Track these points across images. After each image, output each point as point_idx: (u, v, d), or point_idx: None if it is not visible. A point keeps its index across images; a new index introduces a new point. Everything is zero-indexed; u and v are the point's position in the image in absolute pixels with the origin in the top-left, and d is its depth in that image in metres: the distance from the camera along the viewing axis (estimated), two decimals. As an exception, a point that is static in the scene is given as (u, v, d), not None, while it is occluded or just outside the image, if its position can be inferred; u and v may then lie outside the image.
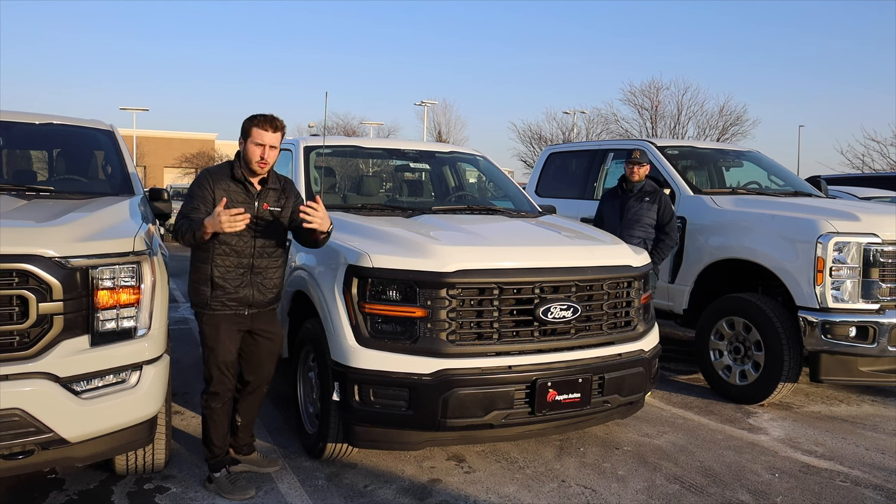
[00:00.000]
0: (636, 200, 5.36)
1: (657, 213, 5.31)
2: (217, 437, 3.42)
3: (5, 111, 4.57)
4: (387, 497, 3.42)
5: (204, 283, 3.28)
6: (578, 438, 4.27)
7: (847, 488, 3.67)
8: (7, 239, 2.65)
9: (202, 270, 3.28)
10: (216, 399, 3.37)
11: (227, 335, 3.32)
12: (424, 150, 5.89)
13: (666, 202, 5.34)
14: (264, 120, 3.27)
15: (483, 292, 3.37)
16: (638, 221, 5.28)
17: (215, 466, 3.43)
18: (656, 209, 5.30)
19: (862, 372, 4.71)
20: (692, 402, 5.16)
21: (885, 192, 8.55)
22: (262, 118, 3.28)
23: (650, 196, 5.34)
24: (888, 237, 4.68)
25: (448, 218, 4.36)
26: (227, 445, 3.51)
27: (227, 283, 3.27)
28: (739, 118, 32.22)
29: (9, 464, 2.67)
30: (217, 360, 3.33)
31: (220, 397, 3.38)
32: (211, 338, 3.32)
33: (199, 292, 3.30)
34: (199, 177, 3.36)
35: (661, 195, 5.37)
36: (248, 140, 3.28)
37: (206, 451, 3.45)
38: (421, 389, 3.24)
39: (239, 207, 3.08)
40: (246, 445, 3.66)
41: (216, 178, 3.29)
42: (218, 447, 3.43)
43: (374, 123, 44.06)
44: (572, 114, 36.68)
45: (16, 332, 2.64)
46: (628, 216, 5.33)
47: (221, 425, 3.43)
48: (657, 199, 5.33)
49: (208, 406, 3.39)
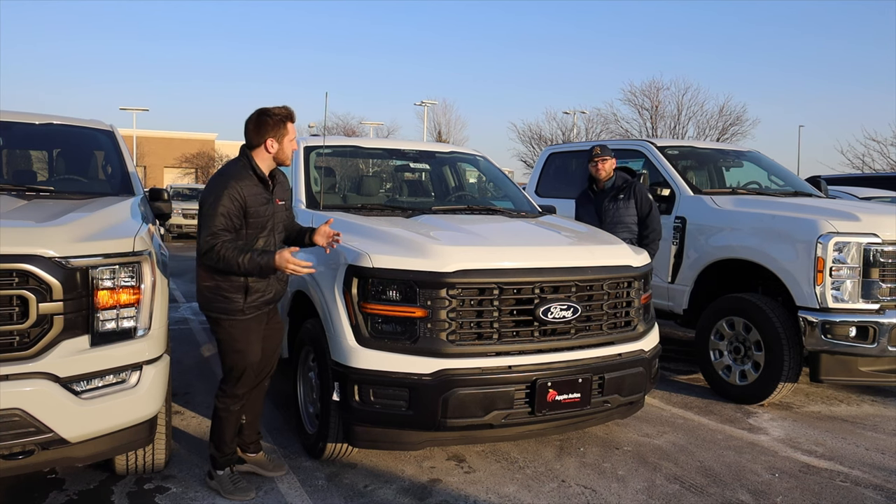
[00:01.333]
0: (611, 200, 5.09)
1: (636, 208, 5.04)
2: (230, 437, 3.39)
3: (5, 111, 4.57)
4: (387, 497, 3.42)
5: (236, 291, 3.19)
6: (578, 438, 4.27)
7: (847, 488, 3.67)
8: (7, 239, 2.65)
9: (234, 277, 3.17)
10: (237, 401, 3.35)
11: (256, 337, 3.31)
12: (424, 150, 5.89)
13: (641, 193, 5.04)
14: (292, 115, 3.25)
15: (483, 292, 3.37)
16: (619, 223, 5.01)
17: (221, 464, 3.40)
18: (633, 204, 5.02)
19: (862, 372, 4.71)
20: (692, 402, 5.16)
21: (885, 192, 8.56)
22: (291, 114, 3.25)
23: (624, 192, 5.06)
24: (888, 237, 4.68)
25: (448, 218, 4.35)
26: (235, 445, 3.50)
27: (259, 286, 3.23)
28: (739, 118, 32.31)
29: (9, 464, 2.67)
30: (248, 362, 3.28)
31: (242, 399, 3.36)
32: (241, 341, 3.25)
33: (228, 300, 3.20)
34: (224, 187, 3.10)
35: (635, 187, 5.06)
36: (286, 139, 3.23)
37: (214, 451, 3.40)
38: (421, 389, 3.24)
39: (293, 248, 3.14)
40: (253, 444, 3.63)
41: (242, 184, 3.14)
42: (229, 447, 3.41)
43: (373, 123, 44.11)
44: (572, 114, 36.72)
45: (16, 332, 2.64)
46: (607, 220, 5.08)
47: (235, 425, 3.42)
48: (631, 193, 5.04)
49: (228, 409, 3.34)
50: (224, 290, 3.20)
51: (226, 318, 3.23)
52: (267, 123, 3.20)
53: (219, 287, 3.20)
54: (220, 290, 3.20)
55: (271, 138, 3.21)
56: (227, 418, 3.36)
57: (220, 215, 3.07)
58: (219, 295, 3.21)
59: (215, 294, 3.21)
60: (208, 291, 3.23)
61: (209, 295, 3.23)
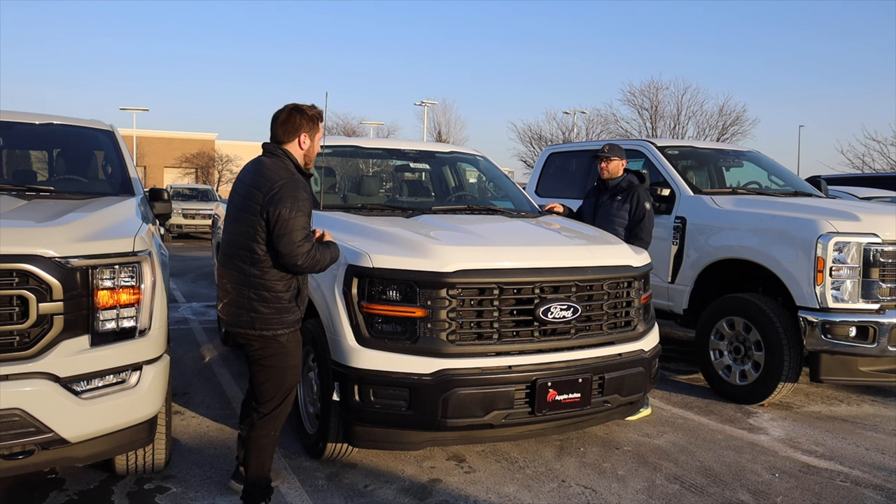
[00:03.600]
0: (608, 199, 5.01)
1: (629, 213, 4.90)
2: (269, 465, 3.19)
3: (5, 111, 4.57)
4: (387, 497, 3.42)
5: (293, 299, 3.01)
6: (578, 438, 4.27)
7: (847, 488, 3.67)
8: (7, 239, 2.65)
9: (289, 285, 2.99)
10: (279, 425, 3.17)
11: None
12: (424, 150, 5.90)
13: (638, 201, 4.89)
14: (322, 115, 3.15)
15: (483, 292, 3.37)
16: (608, 223, 4.89)
17: (259, 498, 3.16)
18: (628, 208, 4.91)
19: (862, 372, 4.71)
20: (692, 402, 5.16)
21: (885, 192, 8.55)
22: (321, 114, 3.14)
23: (623, 194, 4.95)
24: (888, 237, 4.68)
25: (448, 218, 4.36)
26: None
27: (306, 291, 3.13)
28: (739, 118, 32.32)
29: (9, 464, 2.67)
30: (298, 378, 3.17)
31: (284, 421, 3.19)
32: (295, 355, 3.09)
33: (290, 311, 3.01)
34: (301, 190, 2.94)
35: (635, 193, 4.93)
36: (317, 138, 3.15)
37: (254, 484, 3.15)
38: (421, 389, 3.24)
39: None
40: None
41: (307, 186, 3.02)
42: (268, 477, 3.21)
43: (373, 123, 44.13)
44: (572, 114, 36.73)
45: (16, 332, 2.64)
46: (598, 217, 5.01)
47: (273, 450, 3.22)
48: (629, 197, 4.92)
49: (269, 435, 3.12)
50: (286, 301, 2.99)
51: (287, 331, 3.02)
52: (302, 119, 3.10)
53: (280, 299, 2.97)
54: (283, 300, 2.98)
55: (305, 134, 3.11)
56: (269, 446, 3.14)
57: (305, 215, 2.93)
58: (283, 307, 2.98)
59: (277, 306, 2.97)
60: (272, 305, 2.96)
61: (271, 310, 2.95)
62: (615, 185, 5.02)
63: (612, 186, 5.03)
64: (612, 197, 4.99)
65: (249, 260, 2.96)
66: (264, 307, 2.97)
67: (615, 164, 5.01)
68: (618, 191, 4.99)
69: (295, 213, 2.87)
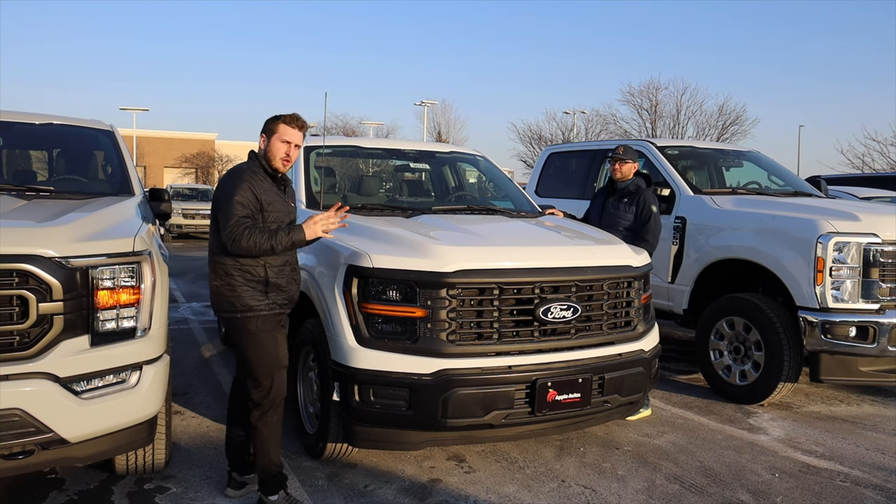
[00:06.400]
0: (616, 201, 4.99)
1: (634, 216, 4.88)
2: (275, 454, 3.20)
3: (5, 111, 4.57)
4: (387, 497, 3.42)
5: (257, 286, 3.10)
6: (578, 438, 4.27)
7: (847, 488, 3.67)
8: (7, 239, 2.65)
9: (253, 272, 3.09)
10: (275, 410, 3.20)
11: (281, 337, 3.22)
12: (424, 150, 5.90)
13: (645, 204, 4.86)
14: (292, 118, 3.21)
15: (483, 292, 3.37)
16: (613, 225, 4.87)
17: (274, 487, 3.18)
18: (634, 211, 4.88)
19: (862, 372, 4.71)
20: (692, 402, 5.16)
21: (885, 192, 8.55)
22: (290, 117, 3.22)
23: (630, 197, 4.93)
24: (888, 237, 4.68)
25: (448, 218, 4.35)
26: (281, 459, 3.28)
27: (280, 282, 3.16)
28: (739, 118, 32.32)
29: (9, 464, 2.67)
30: (279, 365, 3.17)
31: (280, 406, 3.22)
32: (268, 343, 3.13)
33: (249, 296, 3.08)
34: (237, 182, 3.10)
35: (642, 196, 4.89)
36: (274, 137, 3.19)
37: (263, 475, 3.18)
38: (421, 389, 3.24)
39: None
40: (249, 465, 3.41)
41: (253, 179, 3.12)
42: (277, 465, 3.20)
43: (373, 123, 44.14)
44: (572, 114, 36.75)
45: (16, 332, 2.63)
46: (604, 218, 5.00)
47: (278, 439, 3.23)
48: (636, 200, 4.89)
49: (266, 420, 3.16)
50: (241, 285, 3.09)
51: (252, 315, 3.09)
52: (267, 124, 3.24)
53: (236, 282, 3.09)
54: (238, 285, 3.09)
55: (263, 136, 3.24)
56: (268, 430, 3.17)
57: (237, 203, 3.03)
58: (240, 290, 3.09)
59: (239, 289, 3.09)
60: (227, 289, 3.10)
61: (227, 293, 3.10)
62: (623, 187, 5.00)
63: (620, 188, 5.01)
64: (619, 199, 4.97)
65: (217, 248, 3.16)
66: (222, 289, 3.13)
67: (629, 167, 4.99)
68: (625, 193, 4.97)
69: (227, 202, 3.06)
